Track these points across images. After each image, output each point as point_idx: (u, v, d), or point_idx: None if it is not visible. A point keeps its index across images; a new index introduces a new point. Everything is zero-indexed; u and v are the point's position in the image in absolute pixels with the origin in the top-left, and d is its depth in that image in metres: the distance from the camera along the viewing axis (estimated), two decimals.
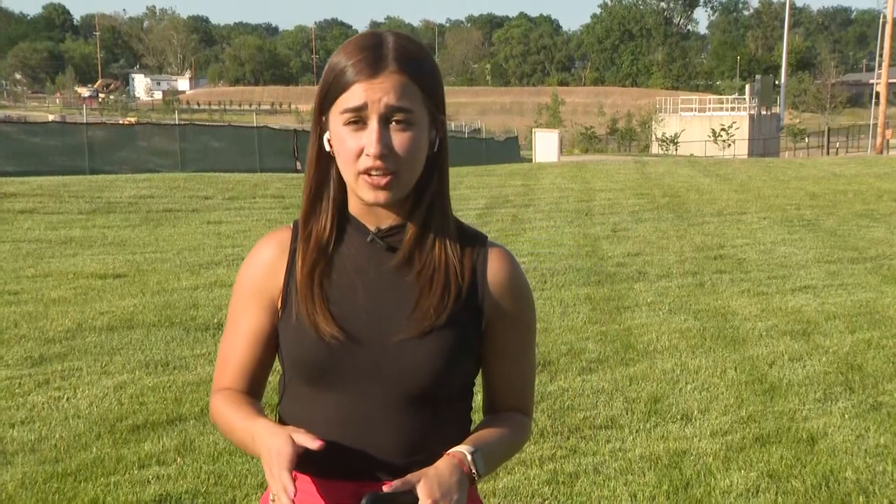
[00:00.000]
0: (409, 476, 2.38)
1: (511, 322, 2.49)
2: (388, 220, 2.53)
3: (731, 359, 10.19)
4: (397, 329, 2.48)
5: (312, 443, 2.31)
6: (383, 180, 2.40)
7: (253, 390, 2.67)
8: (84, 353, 10.36)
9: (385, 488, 2.36)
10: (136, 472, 7.14)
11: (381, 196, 2.43)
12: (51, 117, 79.09)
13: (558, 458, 7.37)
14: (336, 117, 2.44)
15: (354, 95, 2.41)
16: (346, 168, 2.44)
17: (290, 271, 2.59)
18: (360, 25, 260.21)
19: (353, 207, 2.55)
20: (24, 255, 17.21)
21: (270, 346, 2.64)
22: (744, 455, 7.52)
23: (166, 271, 15.39)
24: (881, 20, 72.00)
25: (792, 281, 14.57)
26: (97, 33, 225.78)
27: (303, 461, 2.32)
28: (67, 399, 8.83)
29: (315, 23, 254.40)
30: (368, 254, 2.56)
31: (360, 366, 2.54)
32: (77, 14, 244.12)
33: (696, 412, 8.50)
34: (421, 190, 2.49)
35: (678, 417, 8.37)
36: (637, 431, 8.00)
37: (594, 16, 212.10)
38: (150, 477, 7.03)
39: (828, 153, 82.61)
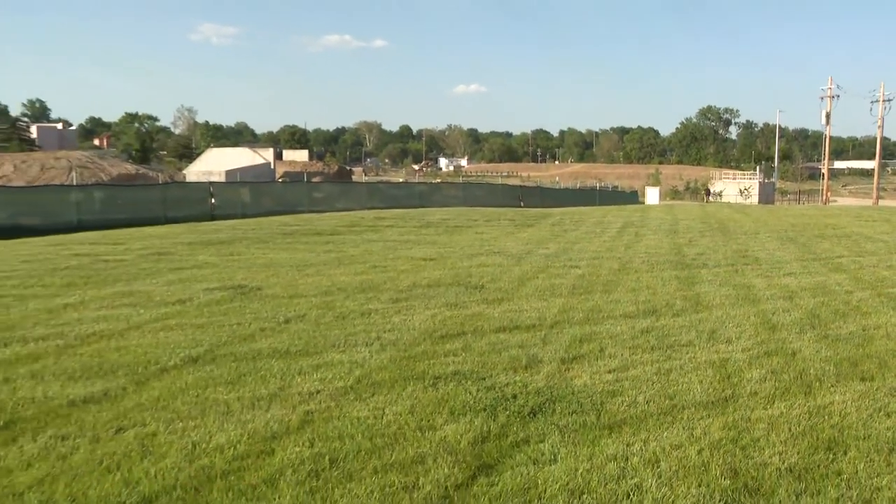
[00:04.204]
0: None
1: None
2: None
3: (752, 311, 9.84)
4: None
5: None
6: None
7: None
8: (416, 298, 10.54)
9: None
10: (441, 358, 7.27)
11: None
12: (399, 180, 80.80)
13: (661, 361, 7.23)
14: None
15: None
16: None
17: None
18: (555, 131, 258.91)
19: None
20: (388, 248, 17.63)
21: None
22: (758, 361, 7.29)
23: (455, 257, 15.56)
24: (824, 136, 75.76)
25: (783, 270, 13.99)
26: (423, 138, 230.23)
27: None
28: (409, 320, 9.01)
29: (531, 130, 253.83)
30: None
31: None
32: (415, 128, 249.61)
33: (733, 338, 8.25)
34: None
35: (724, 341, 8.13)
36: (702, 348, 7.79)
37: (677, 128, 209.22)
38: (449, 361, 7.15)
39: (799, 203, 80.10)
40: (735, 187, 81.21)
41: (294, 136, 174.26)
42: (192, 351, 7.38)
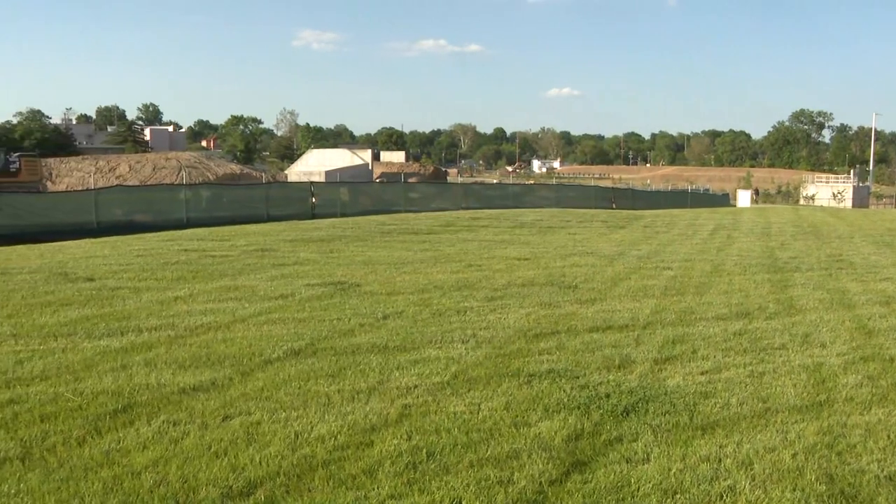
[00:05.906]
0: None
1: None
2: None
3: (847, 316, 9.51)
4: None
5: None
6: None
7: None
8: (511, 297, 10.53)
9: None
10: (535, 356, 7.26)
11: None
12: (494, 181, 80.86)
13: (754, 364, 7.05)
14: None
15: None
16: None
17: None
18: (647, 134, 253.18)
19: None
20: (483, 247, 17.67)
21: None
22: (854, 366, 7.04)
23: (549, 257, 15.49)
24: None
25: (879, 274, 13.45)
26: (517, 140, 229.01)
27: None
28: (503, 319, 9.01)
29: (622, 133, 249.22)
30: None
31: None
32: (509, 131, 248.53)
33: (828, 342, 7.98)
34: None
35: (818, 345, 7.88)
36: (796, 352, 7.56)
37: (769, 132, 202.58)
38: (543, 359, 7.13)
39: (895, 207, 77.05)
40: (828, 191, 78.89)
41: (391, 138, 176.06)
42: (294, 344, 7.56)
